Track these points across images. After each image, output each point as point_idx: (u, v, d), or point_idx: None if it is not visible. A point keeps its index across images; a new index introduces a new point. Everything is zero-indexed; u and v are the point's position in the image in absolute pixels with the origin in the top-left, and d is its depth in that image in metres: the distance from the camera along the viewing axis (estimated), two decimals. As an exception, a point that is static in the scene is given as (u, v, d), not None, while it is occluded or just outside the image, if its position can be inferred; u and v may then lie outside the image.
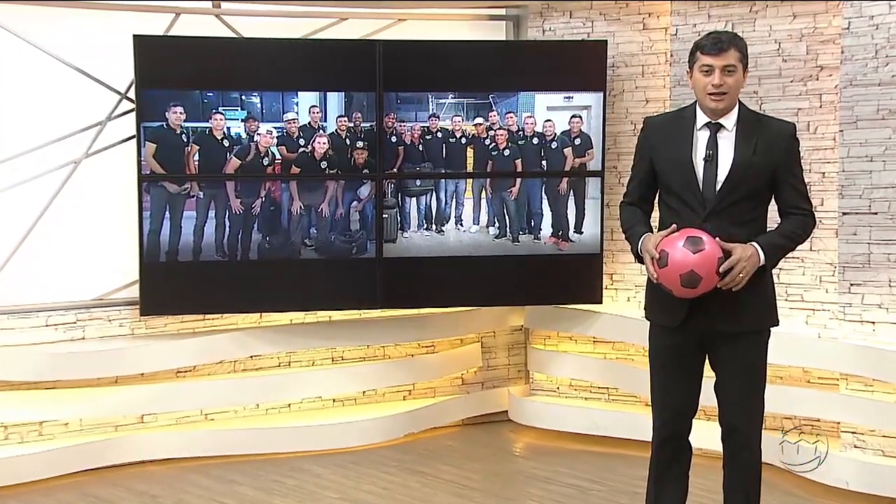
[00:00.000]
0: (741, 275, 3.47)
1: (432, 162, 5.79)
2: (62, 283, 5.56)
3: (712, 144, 3.58)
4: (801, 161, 3.67)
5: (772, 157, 3.56)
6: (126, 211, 5.55)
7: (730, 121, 3.59)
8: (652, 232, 3.64)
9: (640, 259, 3.64)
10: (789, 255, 5.04)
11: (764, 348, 3.66)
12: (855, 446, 4.98)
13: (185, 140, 5.47)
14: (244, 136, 5.54)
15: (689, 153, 3.59)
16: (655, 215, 3.77)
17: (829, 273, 5.23)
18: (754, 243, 3.52)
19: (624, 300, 6.00)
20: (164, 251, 5.48)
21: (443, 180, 5.82)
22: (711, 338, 3.62)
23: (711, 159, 3.56)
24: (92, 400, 5.38)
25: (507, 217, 5.86)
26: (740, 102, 3.62)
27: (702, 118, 3.61)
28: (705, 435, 4.09)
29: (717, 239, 3.48)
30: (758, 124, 3.61)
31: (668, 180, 3.64)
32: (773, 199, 3.66)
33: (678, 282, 3.44)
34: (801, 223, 3.62)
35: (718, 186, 3.55)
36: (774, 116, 3.79)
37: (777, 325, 3.69)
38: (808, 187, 3.74)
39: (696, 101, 3.65)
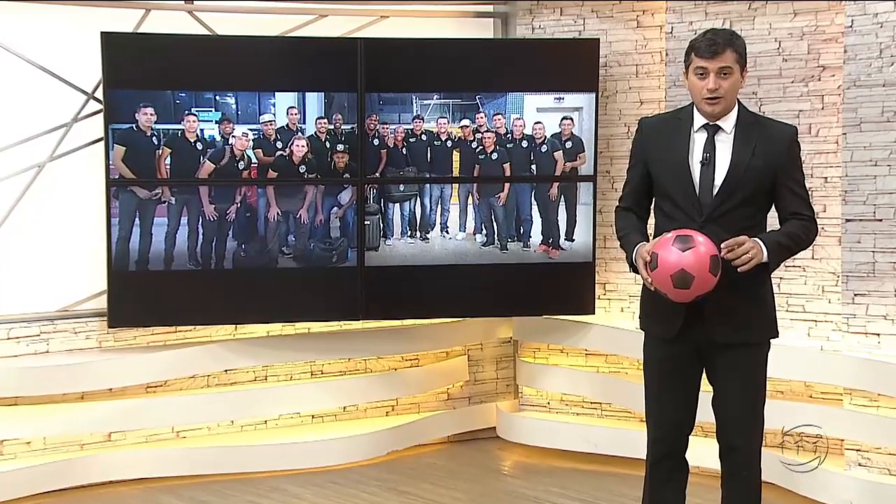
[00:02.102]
0: (748, 255, 3.44)
1: (416, 166, 5.77)
2: (25, 293, 5.51)
3: (709, 147, 3.58)
4: (803, 166, 3.66)
5: (771, 161, 3.56)
6: (93, 217, 5.51)
7: (728, 123, 3.59)
8: (646, 240, 3.63)
9: (634, 269, 3.64)
10: (790, 263, 5.09)
11: (764, 361, 3.66)
12: (859, 464, 4.96)
13: (156, 143, 5.43)
14: (218, 138, 5.51)
15: (685, 156, 3.59)
16: (652, 220, 3.76)
17: (832, 282, 5.23)
18: (756, 238, 3.51)
19: (617, 311, 5.99)
20: (134, 260, 5.44)
21: (427, 185, 5.80)
22: (709, 350, 3.61)
23: (708, 162, 3.56)
24: (56, 417, 5.33)
25: (494, 224, 5.85)
26: (740, 103, 3.63)
27: (699, 119, 3.61)
28: (703, 452, 4.08)
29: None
30: (757, 126, 3.61)
31: (663, 184, 3.64)
32: (772, 207, 3.66)
33: (670, 283, 3.44)
34: (803, 227, 3.61)
35: (715, 191, 3.55)
36: (775, 119, 3.79)
37: (777, 336, 3.69)
38: (809, 193, 3.73)
39: (693, 102, 3.64)
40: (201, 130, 5.48)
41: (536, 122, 5.79)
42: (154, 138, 5.43)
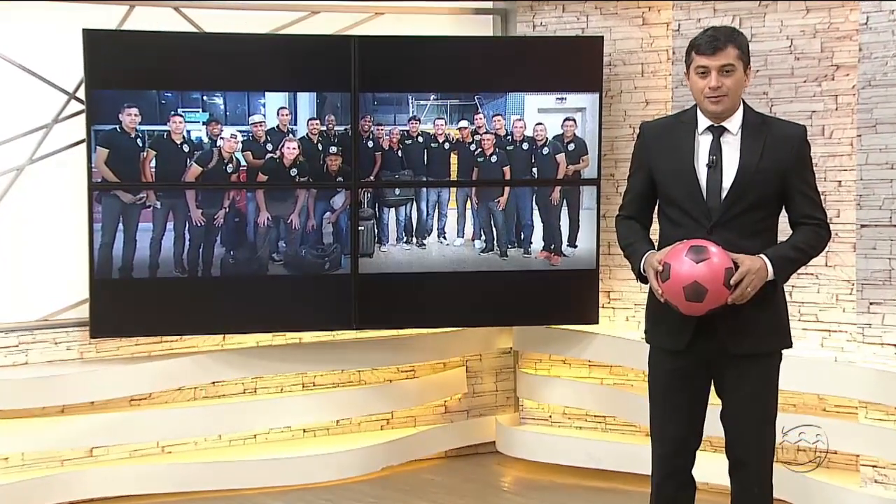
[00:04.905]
0: (748, 289, 3.46)
1: (413, 169, 5.76)
2: (3, 301, 5.49)
3: (716, 149, 3.58)
4: (814, 167, 3.66)
5: (781, 163, 3.56)
6: (75, 222, 5.49)
7: (734, 124, 3.59)
8: (654, 248, 3.63)
9: (642, 279, 3.64)
10: (802, 271, 5.06)
11: (775, 373, 3.66)
12: (875, 481, 4.95)
13: (141, 145, 5.42)
14: (206, 140, 5.50)
15: (690, 160, 3.60)
16: (655, 227, 3.75)
17: (847, 291, 5.21)
18: (762, 255, 3.51)
19: (622, 320, 5.97)
20: (117, 267, 5.43)
21: (424, 189, 5.78)
22: (718, 361, 3.60)
23: (715, 165, 3.57)
24: (36, 431, 5.31)
25: (494, 229, 5.83)
26: (745, 104, 3.63)
27: (703, 122, 3.62)
28: (711, 468, 4.06)
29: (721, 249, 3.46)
30: (765, 127, 3.62)
31: (668, 190, 3.64)
32: (783, 209, 3.66)
33: (682, 295, 3.43)
34: (814, 234, 3.61)
35: (724, 195, 3.56)
36: (783, 119, 3.79)
37: (790, 346, 3.68)
38: (822, 197, 3.72)
39: (696, 104, 3.65)
40: (188, 132, 5.47)
41: (538, 124, 5.77)
42: (138, 140, 5.41)
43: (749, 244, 3.52)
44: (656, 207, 3.77)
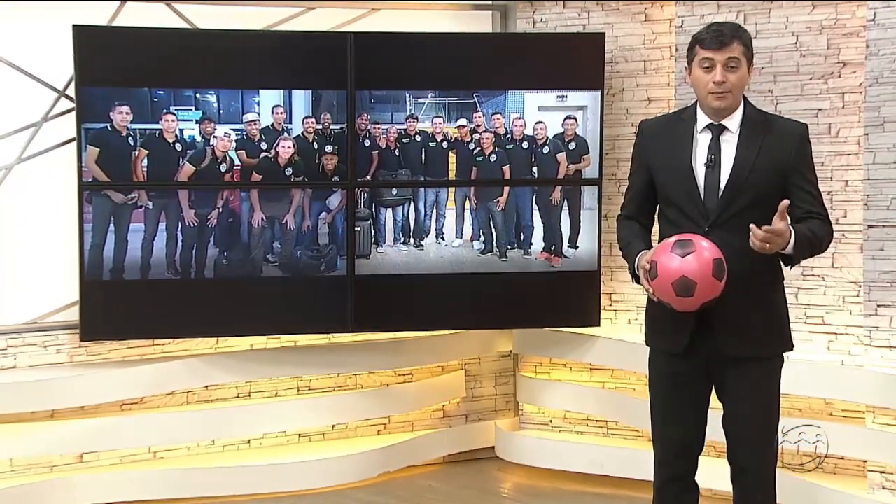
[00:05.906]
0: (768, 244, 3.38)
1: (410, 168, 5.75)
2: (-8, 304, 5.48)
3: (714, 148, 3.58)
4: (820, 166, 3.65)
5: (780, 161, 3.56)
6: (65, 223, 5.47)
7: (734, 122, 3.59)
8: (649, 248, 3.63)
9: (636, 280, 3.64)
10: (808, 272, 5.05)
11: (777, 376, 3.65)
12: (883, 487, 4.93)
13: (132, 143, 5.40)
14: (199, 139, 5.49)
15: (688, 159, 3.60)
16: (655, 228, 3.75)
17: (854, 293, 5.19)
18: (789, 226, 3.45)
19: (624, 322, 5.96)
20: (108, 268, 5.41)
21: (422, 189, 5.77)
22: (718, 364, 3.60)
23: (714, 164, 3.57)
24: (24, 437, 5.29)
25: (493, 230, 5.81)
26: (746, 101, 3.64)
27: (703, 120, 3.62)
28: (713, 473, 4.05)
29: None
30: (765, 124, 3.62)
31: (666, 189, 3.64)
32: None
33: (672, 292, 3.42)
34: (820, 225, 3.59)
35: (720, 194, 3.54)
36: (784, 116, 3.78)
37: (791, 349, 3.67)
38: (829, 197, 3.71)
39: (696, 102, 3.66)
40: (180, 130, 5.45)
41: (538, 122, 5.76)
42: (130, 139, 5.39)
43: (748, 245, 3.49)
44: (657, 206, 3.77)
